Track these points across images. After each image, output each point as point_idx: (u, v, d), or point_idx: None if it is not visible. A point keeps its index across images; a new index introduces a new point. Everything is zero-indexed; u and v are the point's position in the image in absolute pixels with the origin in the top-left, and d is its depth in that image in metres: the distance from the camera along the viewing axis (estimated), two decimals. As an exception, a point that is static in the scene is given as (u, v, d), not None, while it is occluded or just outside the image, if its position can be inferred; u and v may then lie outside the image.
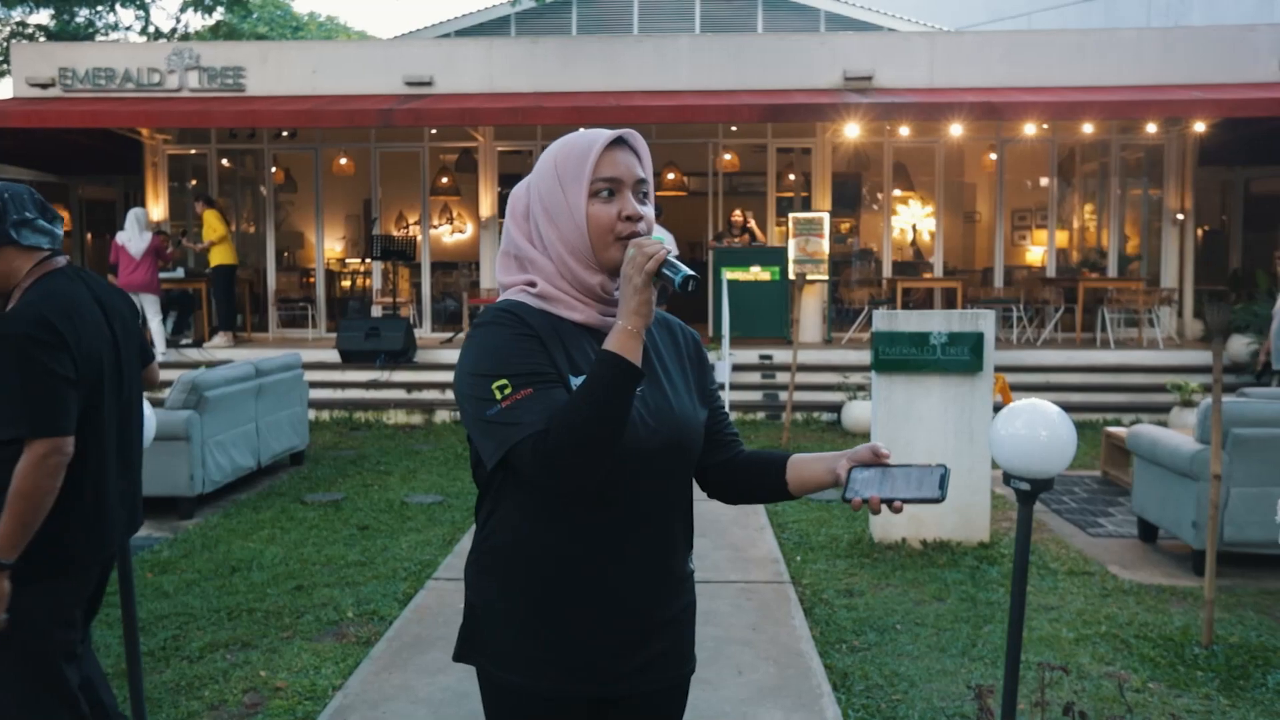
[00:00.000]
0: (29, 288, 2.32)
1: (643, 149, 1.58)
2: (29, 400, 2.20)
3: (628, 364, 1.40)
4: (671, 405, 1.57)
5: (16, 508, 2.18)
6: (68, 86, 11.53)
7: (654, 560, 1.59)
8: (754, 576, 4.76)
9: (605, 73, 11.39)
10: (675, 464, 1.58)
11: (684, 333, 1.72)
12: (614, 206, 1.52)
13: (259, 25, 26.54)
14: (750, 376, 10.08)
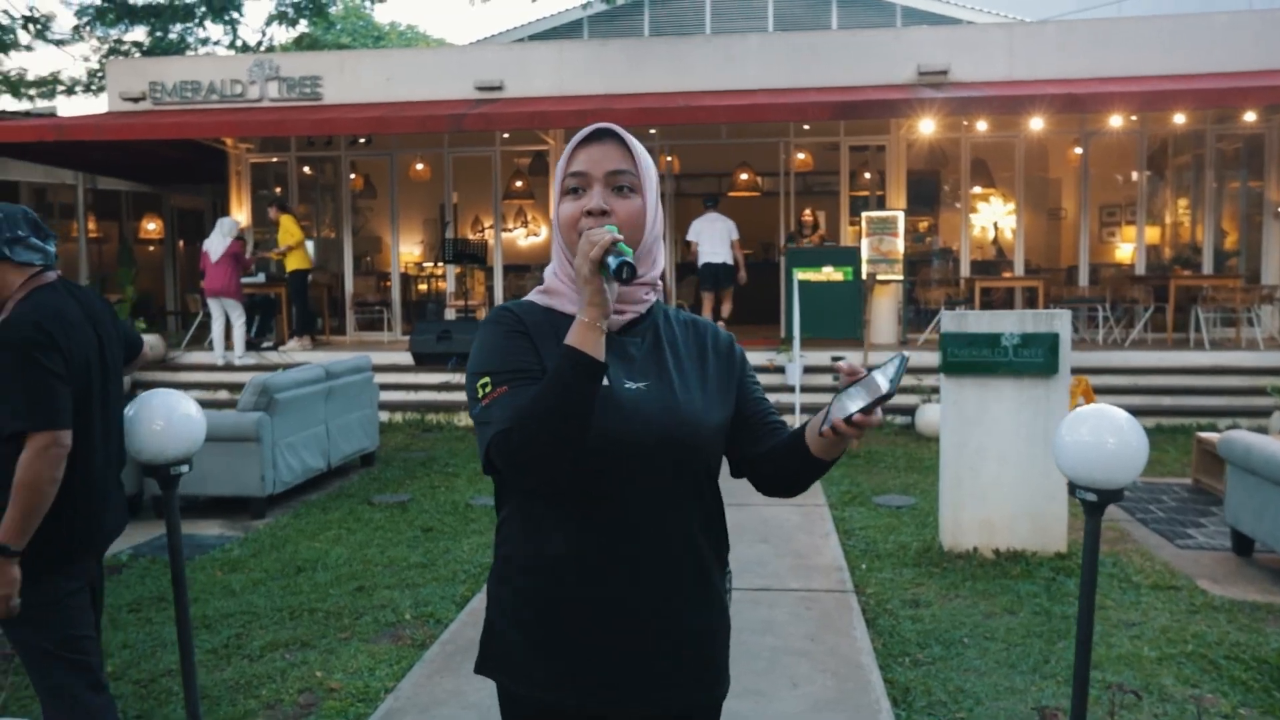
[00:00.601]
0: (21, 299, 2.48)
1: (632, 140, 1.54)
2: (29, 397, 2.35)
3: (584, 357, 1.37)
4: (677, 401, 1.52)
5: (22, 497, 2.33)
6: (157, 100, 11.97)
7: (659, 565, 1.51)
8: (816, 585, 4.63)
9: (673, 73, 11.32)
10: (677, 461, 1.51)
11: (716, 335, 1.67)
12: (580, 203, 1.52)
13: (342, 36, 27.23)
14: (822, 379, 9.89)
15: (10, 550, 2.32)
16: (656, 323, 1.61)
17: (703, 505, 1.57)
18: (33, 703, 3.27)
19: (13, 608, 2.33)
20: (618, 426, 1.46)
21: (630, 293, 1.55)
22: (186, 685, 2.96)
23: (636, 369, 1.53)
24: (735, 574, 4.68)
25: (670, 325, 1.62)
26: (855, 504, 6.21)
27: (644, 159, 1.54)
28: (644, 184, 1.53)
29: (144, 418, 2.78)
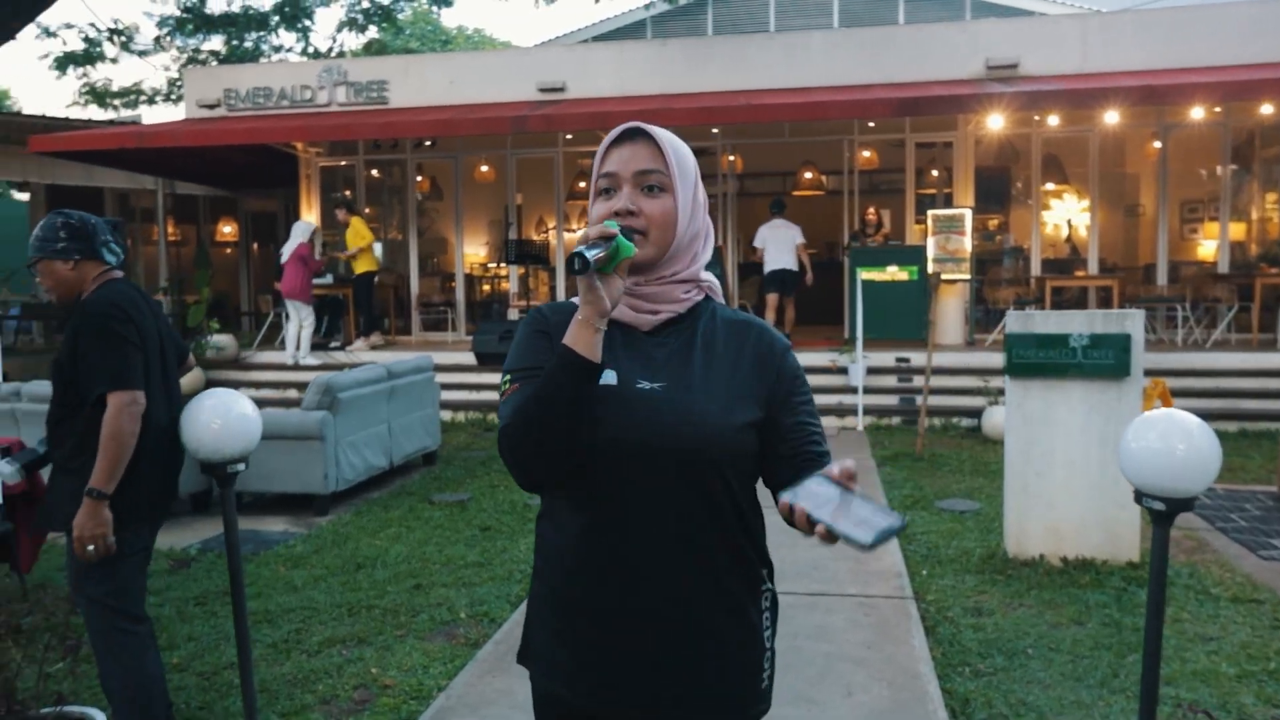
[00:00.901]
0: (95, 289, 2.95)
1: (662, 137, 1.50)
2: (109, 362, 2.80)
3: (575, 356, 1.37)
4: (689, 402, 1.46)
5: (109, 449, 2.76)
6: (231, 106, 12.30)
7: (659, 569, 1.46)
8: (874, 590, 4.54)
9: (735, 72, 11.24)
10: (681, 464, 1.45)
11: (761, 336, 1.56)
12: (611, 204, 1.49)
13: (410, 41, 27.70)
14: (886, 380, 9.73)
15: (103, 494, 2.75)
16: (698, 323, 1.54)
17: (717, 511, 1.48)
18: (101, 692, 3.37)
19: (110, 544, 2.76)
20: (621, 427, 1.44)
21: (664, 291, 1.51)
22: (244, 679, 3.01)
23: (657, 369, 1.49)
24: (791, 577, 4.61)
25: (714, 325, 1.55)
26: (917, 508, 6.08)
27: (676, 157, 1.50)
28: (675, 182, 1.49)
29: (202, 417, 2.84)
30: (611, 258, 1.38)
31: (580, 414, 1.39)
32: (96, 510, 2.75)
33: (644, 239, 1.47)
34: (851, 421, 9.09)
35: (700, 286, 1.56)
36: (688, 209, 1.50)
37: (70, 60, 17.03)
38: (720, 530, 1.49)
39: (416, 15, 29.59)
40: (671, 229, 1.48)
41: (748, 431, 1.49)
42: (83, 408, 2.84)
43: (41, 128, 13.20)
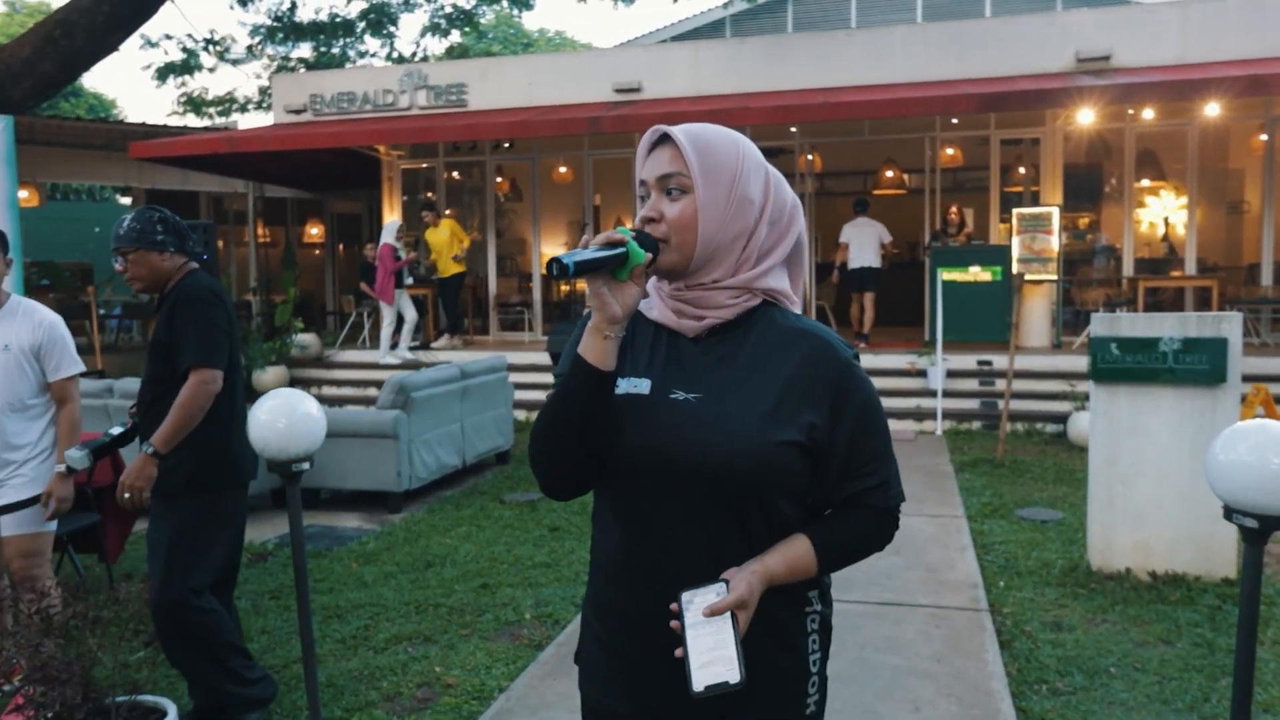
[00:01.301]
0: (183, 278, 3.24)
1: (685, 138, 1.42)
2: (201, 341, 3.09)
3: (582, 363, 1.36)
4: (722, 416, 1.38)
5: (178, 416, 3.06)
6: (317, 111, 12.63)
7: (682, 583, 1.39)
8: (947, 601, 4.39)
9: (814, 70, 11.07)
10: (710, 480, 1.37)
11: (818, 345, 1.42)
12: (642, 210, 1.45)
13: (493, 45, 28.11)
14: (967, 383, 9.46)
15: (158, 453, 3.04)
16: (751, 330, 1.44)
17: (752, 531, 1.40)
18: (179, 682, 3.47)
19: (145, 498, 3.05)
20: (647, 437, 1.39)
21: (707, 297, 1.43)
22: (308, 676, 3.06)
23: (696, 378, 1.42)
24: (861, 586, 4.50)
25: (770, 333, 1.44)
26: (996, 516, 5.87)
27: (700, 156, 1.40)
28: (696, 182, 1.40)
29: (267, 417, 2.88)
30: (622, 264, 1.34)
31: (592, 423, 1.38)
32: (147, 465, 3.05)
33: (668, 245, 1.40)
34: (930, 425, 8.86)
35: (755, 292, 1.44)
36: (717, 209, 1.40)
37: (170, 70, 17.73)
38: (756, 551, 1.41)
39: (499, 19, 30.02)
40: (692, 232, 1.40)
41: (788, 449, 1.38)
42: (173, 381, 3.11)
43: (141, 135, 13.77)
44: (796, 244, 1.50)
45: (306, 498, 6.44)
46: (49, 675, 2.53)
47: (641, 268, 1.36)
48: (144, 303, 15.44)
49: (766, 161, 1.48)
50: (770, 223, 1.46)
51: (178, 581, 3.11)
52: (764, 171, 1.46)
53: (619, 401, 1.41)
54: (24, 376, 3.40)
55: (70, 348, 3.49)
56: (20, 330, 3.39)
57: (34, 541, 3.42)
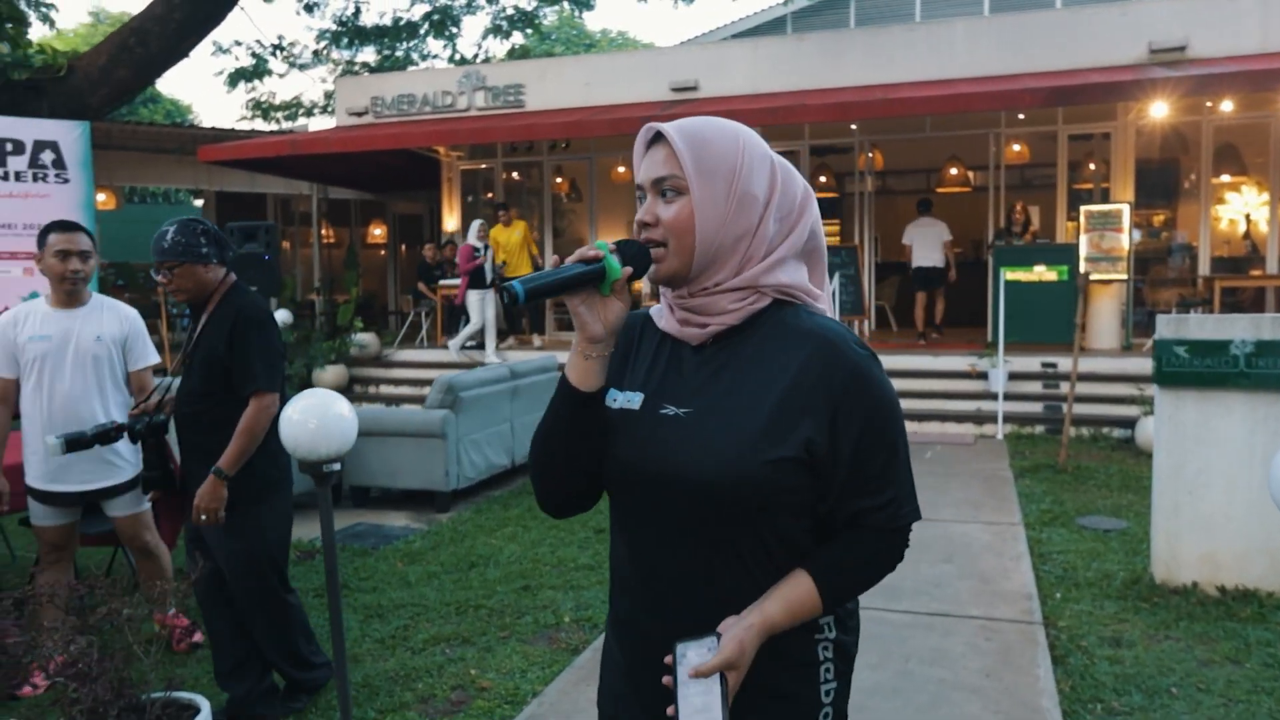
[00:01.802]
0: (235, 293, 3.30)
1: (678, 135, 1.32)
2: (265, 365, 3.20)
3: (564, 383, 1.36)
4: (708, 431, 1.29)
5: (243, 440, 3.16)
6: (378, 114, 12.82)
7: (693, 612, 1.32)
8: (999, 613, 4.23)
9: (874, 66, 10.86)
10: (702, 504, 1.29)
11: (825, 348, 1.29)
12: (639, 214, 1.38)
13: (555, 46, 28.26)
14: (1030, 386, 9.18)
15: (226, 475, 3.14)
16: (756, 334, 1.34)
17: (747, 555, 1.30)
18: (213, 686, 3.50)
19: (220, 518, 3.15)
20: (632, 455, 1.34)
21: (711, 303, 1.33)
22: (339, 676, 3.06)
23: (692, 391, 1.34)
24: (909, 595, 4.39)
25: (774, 336, 1.33)
26: (1055, 524, 5.66)
27: (694, 153, 1.31)
28: (692, 183, 1.31)
29: (299, 417, 2.89)
30: (600, 279, 1.30)
31: (579, 441, 1.36)
32: (218, 487, 3.15)
33: (665, 250, 1.32)
34: (990, 429, 8.61)
35: (763, 291, 1.33)
36: (716, 209, 1.31)
37: (240, 76, 18.18)
38: (753, 576, 1.32)
39: (562, 20, 30.18)
40: (690, 235, 1.31)
41: (781, 468, 1.26)
42: (231, 399, 3.18)
43: (210, 139, 14.13)
44: (813, 234, 1.39)
45: (357, 496, 6.51)
46: (80, 671, 2.56)
47: (622, 282, 1.30)
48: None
49: (773, 152, 1.38)
50: (778, 218, 1.35)
51: (271, 574, 3.35)
52: (769, 163, 1.35)
53: (612, 416, 1.37)
54: (115, 366, 3.70)
55: (149, 340, 3.83)
56: (108, 322, 3.69)
57: (139, 519, 3.85)
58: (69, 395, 3.57)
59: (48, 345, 3.56)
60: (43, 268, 3.58)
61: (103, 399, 3.64)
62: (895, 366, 9.74)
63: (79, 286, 3.61)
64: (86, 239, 3.63)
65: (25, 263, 10.79)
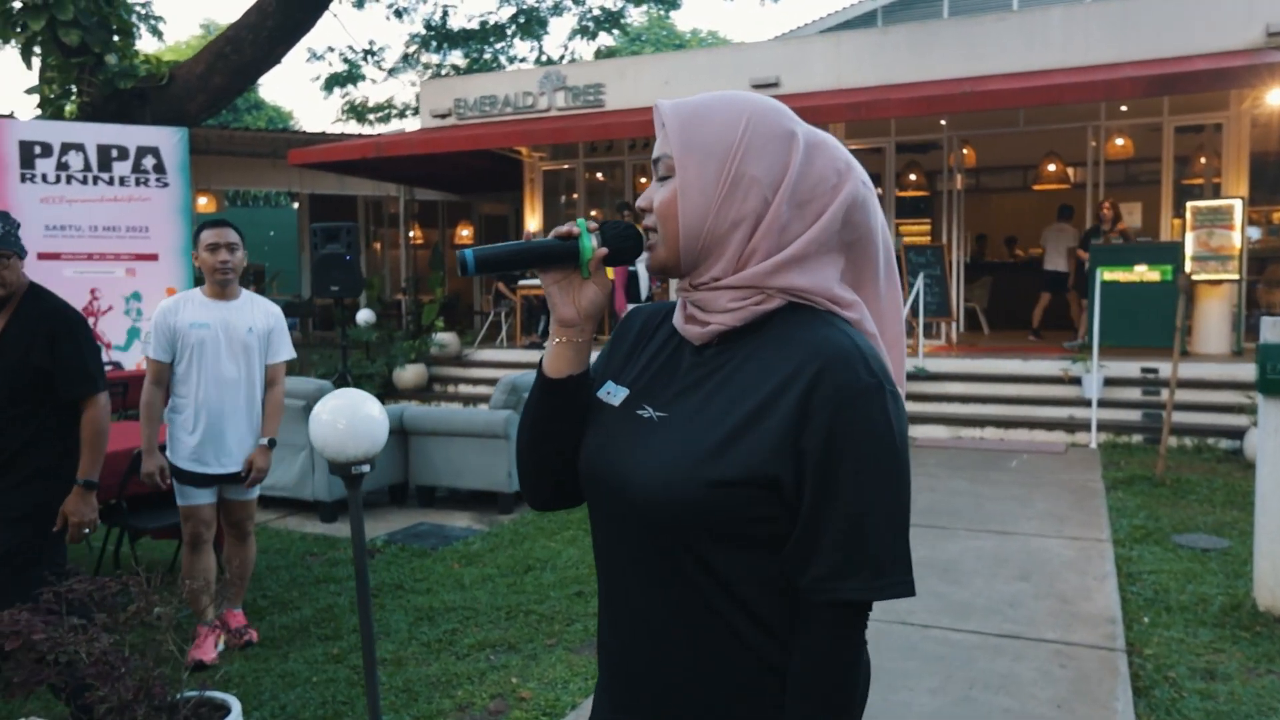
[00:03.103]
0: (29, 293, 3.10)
1: (670, 113, 1.18)
2: (96, 365, 3.11)
3: (537, 370, 1.26)
4: (667, 444, 1.14)
5: (101, 443, 3.13)
6: (461, 115, 12.94)
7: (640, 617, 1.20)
8: (1077, 638, 3.93)
9: (963, 58, 10.43)
10: (647, 524, 1.14)
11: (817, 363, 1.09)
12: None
13: (645, 47, 28.24)
14: (1128, 392, 8.66)
15: (96, 484, 3.12)
16: (756, 340, 1.17)
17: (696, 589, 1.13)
18: (258, 679, 3.50)
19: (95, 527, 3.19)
20: (591, 454, 1.24)
21: (710, 299, 1.17)
22: (369, 679, 3.00)
23: (672, 394, 1.19)
24: (979, 613, 4.13)
25: (773, 344, 1.15)
26: (1148, 541, 5.28)
27: (682, 132, 1.16)
28: (677, 163, 1.16)
29: (328, 417, 2.83)
30: (574, 258, 1.20)
31: (547, 429, 1.27)
32: (91, 498, 3.13)
33: (656, 236, 1.19)
34: (1083, 438, 8.15)
35: (769, 293, 1.15)
36: (702, 193, 1.15)
37: (335, 81, 18.66)
38: (715, 616, 1.14)
39: (651, 21, 30.16)
40: (673, 221, 1.17)
41: (732, 490, 1.08)
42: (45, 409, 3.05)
43: (301, 142, 14.54)
44: (850, 225, 1.17)
45: (423, 495, 6.52)
46: (102, 670, 2.55)
47: (596, 263, 1.19)
48: (304, 301, 16.33)
49: (807, 127, 1.19)
50: (796, 203, 1.15)
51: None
52: (785, 141, 1.15)
53: (594, 408, 1.26)
54: (262, 357, 3.94)
55: (288, 337, 4.04)
56: (258, 317, 3.92)
57: (252, 505, 4.04)
58: (225, 381, 3.81)
59: (207, 333, 3.79)
60: (197, 262, 3.85)
61: (250, 387, 3.89)
62: (983, 371, 9.32)
63: (229, 277, 3.84)
64: (234, 233, 3.87)
65: (129, 263, 11.30)
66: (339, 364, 10.37)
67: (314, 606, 4.50)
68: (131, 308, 11.18)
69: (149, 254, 11.11)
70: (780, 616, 1.13)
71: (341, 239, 9.80)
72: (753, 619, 1.13)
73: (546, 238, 1.21)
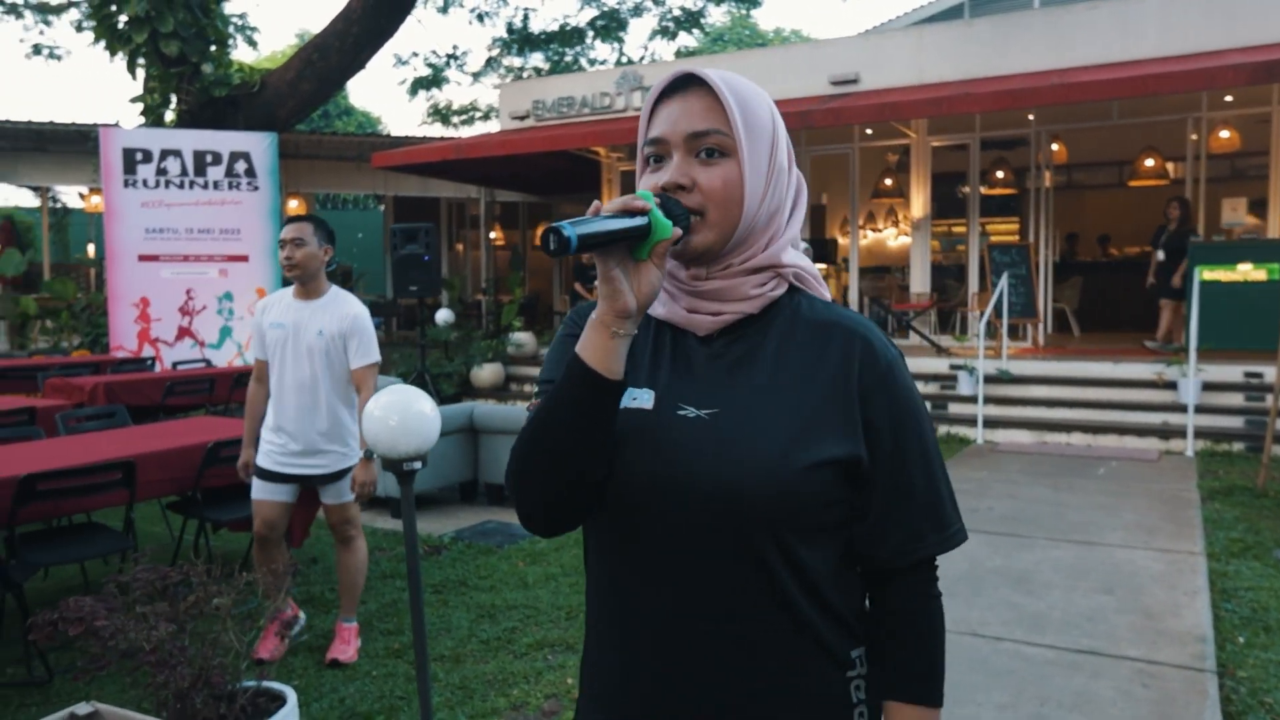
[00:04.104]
0: None
1: (723, 84, 1.12)
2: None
3: (580, 368, 1.06)
4: (736, 436, 1.10)
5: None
6: (539, 117, 13.04)
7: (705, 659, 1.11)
8: (1162, 656, 3.72)
9: (1051, 49, 10.05)
10: (726, 521, 1.09)
11: (852, 339, 1.15)
12: (660, 177, 1.13)
13: (727, 47, 28.10)
14: (1229, 398, 8.21)
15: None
16: (773, 325, 1.17)
17: (776, 583, 1.11)
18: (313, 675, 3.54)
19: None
20: (647, 465, 1.11)
21: (731, 287, 1.14)
22: (420, 676, 3.00)
23: (710, 389, 1.13)
24: (1057, 627, 3.98)
25: (796, 328, 1.17)
26: (1246, 556, 4.97)
27: (741, 108, 1.12)
28: (740, 142, 1.11)
29: (380, 413, 2.85)
30: (642, 238, 1.04)
31: (588, 442, 1.08)
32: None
33: (701, 220, 1.11)
34: (1178, 445, 7.76)
35: (782, 274, 1.17)
36: (761, 177, 1.14)
37: (419, 85, 19.03)
38: (784, 609, 1.12)
39: (734, 21, 30.00)
40: (737, 206, 1.12)
41: (821, 474, 1.10)
42: None
43: (385, 146, 14.85)
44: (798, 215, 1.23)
45: (491, 493, 6.56)
46: (160, 658, 2.61)
47: (666, 245, 1.06)
48: (389, 301, 16.69)
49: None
50: (796, 194, 1.22)
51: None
52: (787, 135, 1.22)
53: (620, 416, 1.14)
54: (336, 360, 3.79)
55: (370, 339, 3.83)
56: (332, 318, 3.78)
57: (345, 510, 3.94)
58: (297, 383, 3.77)
59: (283, 333, 3.78)
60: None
61: (323, 391, 3.78)
62: (1070, 374, 8.96)
63: (295, 274, 3.77)
64: (303, 227, 3.77)
65: (221, 264, 11.72)
66: (418, 363, 10.56)
67: (379, 601, 4.56)
68: (223, 307, 11.60)
69: (240, 255, 11.50)
70: (844, 599, 1.17)
71: (420, 240, 9.97)
72: (824, 607, 1.14)
73: (612, 212, 1.04)
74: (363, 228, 21.09)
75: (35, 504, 3.72)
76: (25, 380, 8.01)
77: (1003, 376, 8.96)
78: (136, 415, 6.37)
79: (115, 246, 10.85)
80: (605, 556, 1.19)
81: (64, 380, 7.16)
